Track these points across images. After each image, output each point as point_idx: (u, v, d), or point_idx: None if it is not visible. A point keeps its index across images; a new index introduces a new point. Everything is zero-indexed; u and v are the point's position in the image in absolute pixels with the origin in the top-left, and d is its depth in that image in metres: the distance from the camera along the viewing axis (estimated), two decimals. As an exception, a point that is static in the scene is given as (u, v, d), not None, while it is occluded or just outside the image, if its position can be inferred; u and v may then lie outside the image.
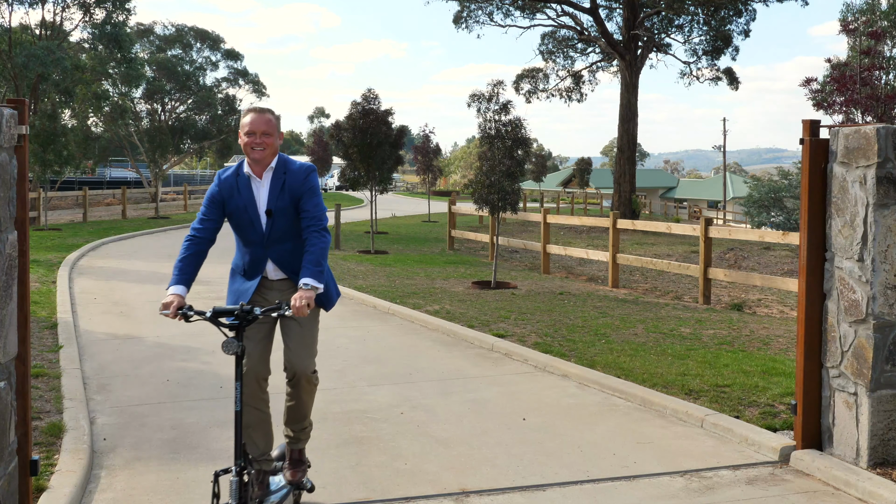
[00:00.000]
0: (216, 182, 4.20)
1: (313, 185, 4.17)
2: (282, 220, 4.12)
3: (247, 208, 4.12)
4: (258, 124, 4.06)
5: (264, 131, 4.07)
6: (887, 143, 4.85)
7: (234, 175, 4.17)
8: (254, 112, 4.11)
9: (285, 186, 4.11)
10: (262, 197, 4.13)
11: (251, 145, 4.07)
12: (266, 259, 4.18)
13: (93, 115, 36.91)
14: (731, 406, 6.16)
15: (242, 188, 4.14)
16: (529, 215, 19.19)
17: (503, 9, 34.91)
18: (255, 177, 4.14)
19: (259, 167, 4.12)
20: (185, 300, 3.85)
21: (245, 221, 4.13)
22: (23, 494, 3.89)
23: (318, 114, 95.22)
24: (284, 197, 4.11)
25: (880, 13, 23.27)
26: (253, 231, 4.14)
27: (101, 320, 9.85)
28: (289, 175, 4.13)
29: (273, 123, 4.11)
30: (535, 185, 57.08)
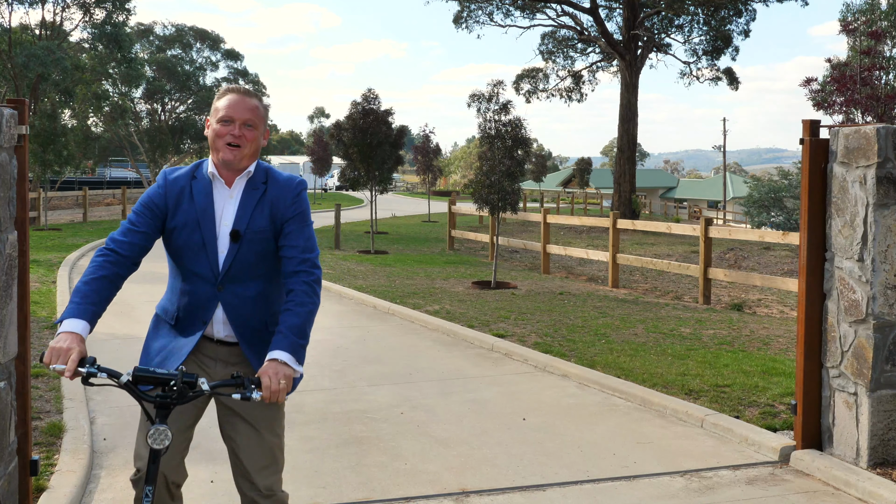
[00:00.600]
0: (160, 182, 2.95)
1: (305, 208, 2.94)
2: (250, 250, 2.87)
3: (200, 223, 2.85)
4: (238, 109, 2.87)
5: (246, 120, 2.87)
6: (887, 143, 4.85)
7: (187, 176, 2.93)
8: (233, 93, 2.91)
9: (264, 202, 2.89)
10: (228, 211, 2.88)
11: (224, 137, 2.85)
12: (215, 305, 2.88)
13: (93, 115, 36.94)
14: (731, 406, 6.16)
15: (198, 194, 2.87)
16: (529, 215, 19.19)
17: (503, 9, 34.92)
18: (220, 181, 2.90)
19: (230, 170, 2.90)
20: (85, 346, 2.56)
21: (193, 243, 2.86)
22: (23, 494, 3.89)
23: (318, 114, 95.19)
24: (261, 216, 2.88)
25: (880, 13, 23.27)
26: (202, 259, 2.86)
27: (102, 320, 9.82)
28: (272, 187, 2.92)
29: (259, 112, 2.92)
30: (535, 185, 57.08)
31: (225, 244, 2.87)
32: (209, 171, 2.91)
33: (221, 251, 2.87)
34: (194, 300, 2.91)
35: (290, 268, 2.85)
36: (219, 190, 2.91)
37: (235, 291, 2.89)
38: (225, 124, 2.87)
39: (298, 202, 2.93)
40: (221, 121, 2.88)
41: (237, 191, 2.91)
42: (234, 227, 2.87)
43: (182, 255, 2.89)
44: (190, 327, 2.92)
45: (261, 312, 2.93)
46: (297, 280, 2.82)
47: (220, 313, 2.90)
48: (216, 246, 2.87)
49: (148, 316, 10.29)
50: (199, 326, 2.91)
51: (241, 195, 2.90)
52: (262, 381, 2.61)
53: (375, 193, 20.63)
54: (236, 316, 2.90)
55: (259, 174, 2.94)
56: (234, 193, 2.91)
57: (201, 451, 5.27)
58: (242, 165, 2.90)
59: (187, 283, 2.91)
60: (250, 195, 2.91)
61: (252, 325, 2.92)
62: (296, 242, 2.88)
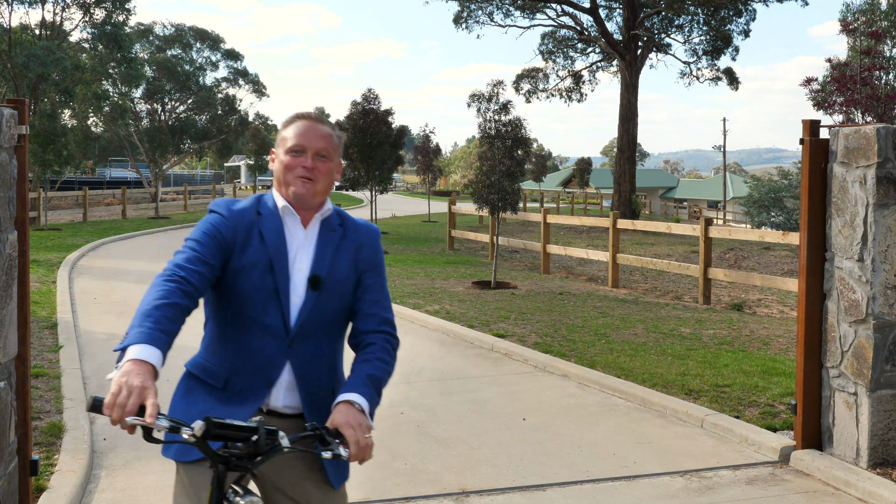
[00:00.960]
0: (222, 212, 2.46)
1: (383, 258, 2.61)
2: (330, 301, 2.43)
3: (273, 265, 2.38)
4: (311, 138, 2.45)
5: (319, 150, 2.45)
6: (887, 143, 4.85)
7: (252, 210, 2.46)
8: (304, 119, 2.50)
9: (346, 246, 2.50)
10: (304, 254, 2.44)
11: (295, 170, 2.43)
12: (283, 365, 2.38)
13: (93, 115, 36.95)
14: (731, 406, 6.16)
15: (269, 231, 2.42)
16: (529, 215, 19.19)
17: (503, 9, 34.92)
18: (294, 217, 2.46)
19: (304, 208, 2.47)
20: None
21: (265, 289, 2.37)
22: (23, 494, 3.89)
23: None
24: (344, 262, 2.48)
25: (880, 13, 23.27)
26: (273, 308, 2.37)
27: (101, 320, 9.85)
28: (350, 231, 2.53)
29: (333, 140, 2.50)
30: (535, 185, 57.09)
31: (299, 292, 2.41)
32: (280, 206, 2.44)
33: (295, 300, 2.39)
34: (256, 359, 2.37)
35: (370, 325, 2.47)
36: (291, 229, 2.46)
37: (307, 350, 2.40)
38: (295, 155, 2.45)
39: (379, 251, 2.58)
40: (291, 151, 2.45)
41: (313, 231, 2.48)
42: (314, 272, 2.42)
43: (247, 302, 2.37)
44: (247, 392, 2.36)
45: (328, 378, 2.47)
46: (378, 337, 2.46)
47: (287, 376, 2.38)
48: (289, 293, 2.39)
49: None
50: (261, 392, 2.36)
51: (318, 236, 2.48)
52: (346, 434, 2.13)
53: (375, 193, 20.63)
54: (306, 380, 2.40)
55: (335, 216, 2.54)
56: (309, 234, 2.47)
57: (201, 451, 5.27)
58: (317, 201, 2.47)
59: (248, 337, 2.38)
60: (328, 237, 2.48)
61: (320, 394, 2.43)
62: (378, 297, 2.52)
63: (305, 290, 2.40)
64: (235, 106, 48.36)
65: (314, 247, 2.46)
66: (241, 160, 70.30)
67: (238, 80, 49.94)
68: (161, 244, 20.52)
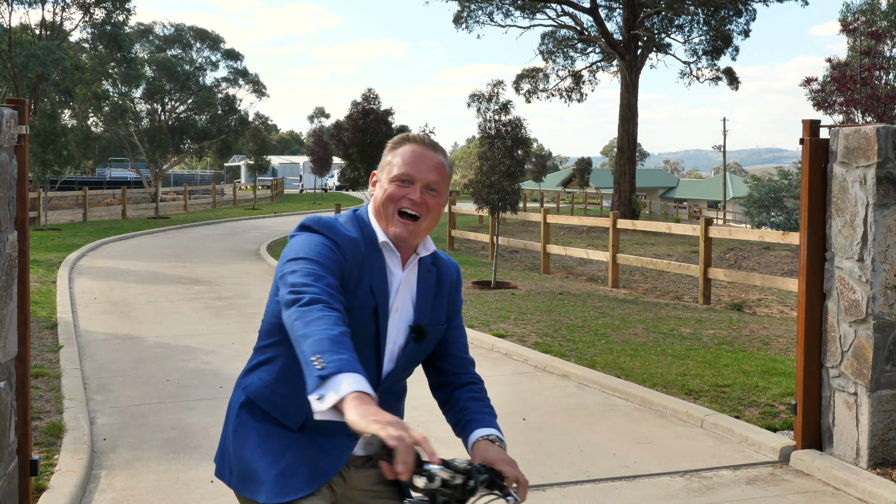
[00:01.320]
0: (337, 237, 2.13)
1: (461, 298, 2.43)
2: (425, 349, 2.30)
3: (378, 312, 2.15)
4: (421, 167, 2.18)
5: (430, 183, 2.18)
6: (887, 143, 4.85)
7: (361, 239, 2.17)
8: (415, 144, 2.22)
9: (441, 290, 2.31)
10: (403, 297, 2.23)
11: (399, 202, 2.17)
12: None
13: (93, 115, 36.97)
14: (731, 406, 6.16)
15: (375, 270, 2.17)
16: (529, 215, 19.19)
17: (503, 9, 34.91)
18: (395, 256, 2.21)
19: (406, 247, 2.22)
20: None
21: (365, 334, 2.15)
22: (23, 494, 3.89)
23: (318, 114, 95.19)
24: (440, 308, 2.30)
25: (880, 13, 23.28)
26: (368, 355, 2.16)
27: (101, 320, 9.85)
28: (442, 272, 2.33)
29: (445, 171, 2.22)
30: (535, 185, 57.09)
31: (395, 339, 2.20)
32: (380, 241, 2.18)
33: (390, 346, 2.20)
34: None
35: (458, 368, 2.34)
36: (391, 267, 2.21)
37: (391, 393, 2.25)
38: (402, 185, 2.17)
39: (460, 290, 2.39)
40: (397, 180, 2.17)
41: (412, 273, 2.25)
42: (418, 322, 2.22)
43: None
44: (331, 438, 2.13)
45: (401, 414, 2.34)
46: (472, 376, 2.35)
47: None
48: (385, 342, 2.18)
49: (148, 316, 10.32)
50: (346, 445, 2.14)
51: (417, 281, 2.26)
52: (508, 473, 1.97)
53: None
54: None
55: (430, 255, 2.30)
56: (410, 277, 2.24)
57: (201, 451, 5.27)
58: (418, 241, 2.20)
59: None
60: (426, 280, 2.27)
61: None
62: (463, 340, 2.38)
63: (406, 339, 2.21)
64: (235, 106, 48.36)
65: (415, 291, 2.25)
66: (241, 160, 70.30)
67: (238, 80, 49.93)
68: (161, 244, 20.53)
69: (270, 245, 20.30)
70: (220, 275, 14.42)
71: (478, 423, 2.17)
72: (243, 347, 8.37)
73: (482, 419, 2.18)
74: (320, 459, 2.11)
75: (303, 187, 63.18)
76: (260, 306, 11.01)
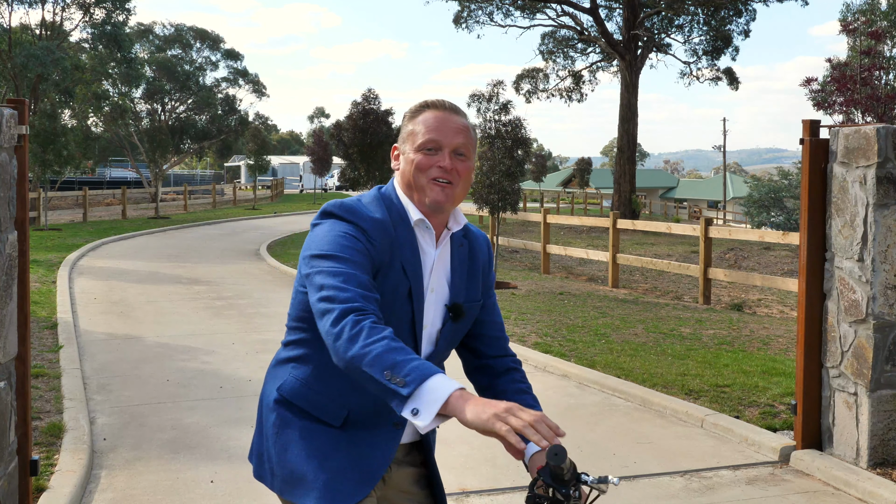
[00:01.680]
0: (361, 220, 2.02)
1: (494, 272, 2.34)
2: (463, 329, 2.20)
3: (413, 292, 2.05)
4: (447, 132, 2.06)
5: (457, 147, 2.07)
6: (887, 143, 4.85)
7: (389, 219, 2.06)
8: (437, 110, 2.10)
9: (475, 264, 2.20)
10: (438, 275, 2.12)
11: (429, 170, 2.05)
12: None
13: (93, 115, 36.95)
14: (731, 406, 6.16)
15: (407, 250, 2.06)
16: (529, 215, 19.20)
17: (503, 9, 34.92)
18: (429, 232, 2.10)
19: (439, 219, 2.11)
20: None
21: (401, 316, 2.05)
22: (23, 494, 3.89)
23: (317, 114, 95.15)
24: (475, 283, 2.19)
25: (880, 13, 23.28)
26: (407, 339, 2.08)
27: (101, 320, 9.85)
28: (474, 246, 2.22)
29: (471, 134, 2.11)
30: (535, 185, 57.08)
31: (433, 320, 2.11)
32: (415, 219, 2.06)
33: (428, 328, 2.10)
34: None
35: (496, 349, 2.24)
36: (424, 246, 2.09)
37: None
38: (429, 153, 2.04)
39: (492, 262, 2.28)
40: (423, 148, 2.05)
41: (445, 249, 2.14)
42: (454, 301, 2.12)
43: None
44: (377, 430, 2.07)
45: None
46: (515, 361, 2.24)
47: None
48: (422, 321, 2.08)
49: (147, 316, 10.32)
50: (392, 435, 2.08)
51: (450, 256, 2.14)
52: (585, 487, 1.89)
53: (375, 193, 20.64)
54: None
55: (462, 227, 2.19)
56: (443, 254, 2.13)
57: (201, 450, 5.27)
58: (449, 210, 2.09)
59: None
60: (459, 256, 2.16)
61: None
62: (498, 318, 2.27)
63: (444, 320, 2.11)
64: (235, 106, 48.35)
65: (449, 269, 2.13)
66: (241, 160, 70.30)
67: (238, 80, 49.92)
68: (161, 244, 20.53)
69: (270, 245, 20.30)
70: (220, 275, 14.42)
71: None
72: (243, 347, 8.37)
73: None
74: (368, 458, 2.03)
75: (303, 187, 63.17)
76: (260, 306, 11.01)
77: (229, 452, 5.22)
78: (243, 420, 5.90)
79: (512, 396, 2.15)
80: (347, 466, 2.01)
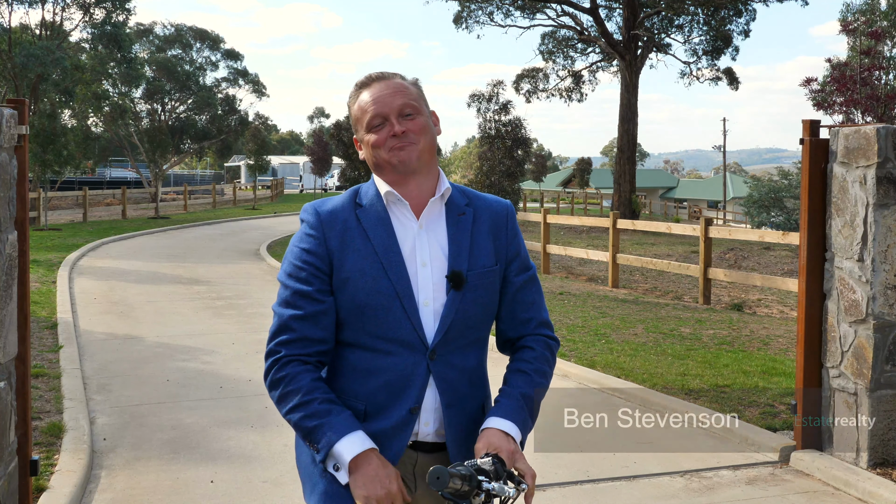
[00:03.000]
0: (311, 221, 2.06)
1: (522, 240, 2.21)
2: (476, 300, 2.07)
3: (385, 266, 2.00)
4: (387, 99, 2.04)
5: (401, 108, 2.04)
6: (887, 143, 4.85)
7: (349, 205, 2.07)
8: (371, 83, 2.09)
9: (481, 230, 2.10)
10: (428, 246, 2.05)
11: (385, 144, 2.04)
12: (425, 384, 2.03)
13: (93, 115, 36.94)
14: (731, 406, 6.16)
15: (374, 225, 2.04)
16: (529, 215, 19.20)
17: (503, 9, 34.91)
18: (402, 204, 2.06)
19: (412, 183, 2.06)
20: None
21: (380, 297, 2.00)
22: (23, 494, 3.89)
23: (317, 114, 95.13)
24: (483, 250, 2.08)
25: (880, 13, 23.28)
26: (398, 317, 2.01)
27: (101, 320, 9.85)
28: (482, 211, 2.12)
29: (411, 91, 2.08)
30: (535, 185, 57.09)
31: (433, 294, 2.02)
32: (383, 192, 2.05)
33: (428, 303, 2.02)
34: (390, 380, 2.01)
35: (526, 330, 2.15)
36: (401, 218, 2.06)
37: (453, 362, 2.05)
38: (379, 129, 2.04)
39: (518, 232, 2.18)
40: (371, 127, 2.05)
41: (438, 218, 2.07)
42: (453, 268, 2.02)
43: (363, 315, 2.00)
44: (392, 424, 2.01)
45: (479, 395, 2.12)
46: (537, 341, 2.14)
47: (432, 398, 2.03)
48: (415, 297, 2.00)
49: (147, 316, 10.32)
50: (408, 421, 2.01)
51: (447, 221, 2.07)
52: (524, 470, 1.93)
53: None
54: (454, 400, 2.04)
55: (457, 194, 2.12)
56: (433, 226, 2.06)
57: (201, 450, 5.27)
58: (424, 166, 2.05)
59: (377, 357, 2.00)
60: (458, 223, 2.07)
61: (469, 416, 2.07)
62: (533, 297, 2.15)
63: (446, 291, 2.02)
64: (235, 106, 48.34)
65: (445, 239, 2.05)
66: (241, 160, 70.29)
67: (238, 80, 49.90)
68: (161, 244, 20.52)
69: (270, 245, 20.30)
70: (220, 275, 14.42)
71: (495, 411, 2.03)
72: (243, 347, 8.37)
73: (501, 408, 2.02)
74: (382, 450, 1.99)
75: (303, 187, 63.16)
76: (260, 306, 11.00)
77: (229, 452, 5.22)
78: (243, 420, 5.90)
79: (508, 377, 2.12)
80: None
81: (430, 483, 1.73)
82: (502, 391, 2.08)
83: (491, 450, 1.91)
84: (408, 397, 2.00)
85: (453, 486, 1.74)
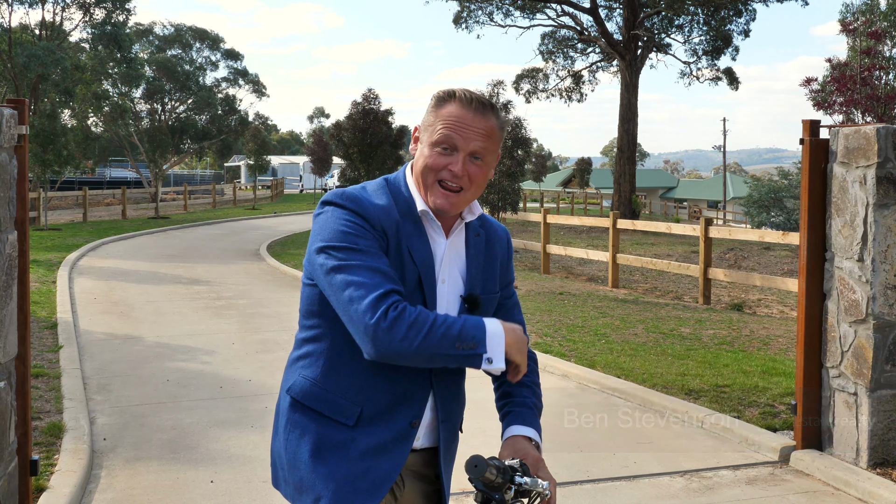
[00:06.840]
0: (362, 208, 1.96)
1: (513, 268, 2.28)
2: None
3: (423, 283, 1.99)
4: (468, 133, 1.96)
5: (475, 151, 1.98)
6: (887, 143, 4.85)
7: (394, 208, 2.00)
8: (465, 108, 1.97)
9: (492, 255, 2.14)
10: (450, 266, 2.06)
11: (439, 172, 1.98)
12: (426, 399, 2.06)
13: (93, 115, 36.98)
14: (731, 406, 6.16)
15: (414, 239, 2.00)
16: (529, 215, 19.20)
17: (503, 9, 34.92)
18: (435, 224, 2.03)
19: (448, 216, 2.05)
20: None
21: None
22: (23, 494, 3.89)
23: (317, 114, 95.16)
24: (492, 275, 2.14)
25: (880, 13, 23.28)
26: None
27: (101, 320, 9.85)
28: (491, 236, 2.17)
29: (496, 136, 2.00)
30: (535, 185, 57.08)
31: (447, 311, 2.02)
32: (419, 210, 2.00)
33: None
34: (397, 391, 1.99)
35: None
36: (433, 235, 2.03)
37: (448, 379, 2.08)
38: (443, 153, 1.96)
39: (511, 257, 2.21)
40: (437, 145, 1.96)
41: (459, 239, 2.08)
42: (470, 292, 2.04)
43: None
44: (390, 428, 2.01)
45: (461, 407, 2.21)
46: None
47: (431, 413, 2.07)
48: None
49: (147, 316, 10.31)
50: (408, 434, 2.02)
51: (466, 248, 2.08)
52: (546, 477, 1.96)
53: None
54: (447, 413, 2.10)
55: (478, 219, 2.13)
56: (455, 243, 2.06)
57: (201, 450, 5.27)
58: (461, 209, 2.03)
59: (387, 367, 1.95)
60: (475, 245, 2.10)
61: (454, 431, 2.17)
62: (519, 318, 2.21)
63: (458, 310, 2.04)
64: (235, 106, 48.36)
65: (463, 258, 2.06)
66: (241, 160, 70.27)
67: (238, 80, 49.95)
68: (161, 244, 20.52)
69: (270, 245, 20.30)
70: (220, 275, 14.42)
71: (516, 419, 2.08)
72: (243, 347, 8.37)
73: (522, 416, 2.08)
74: (379, 465, 1.97)
75: (303, 187, 63.13)
76: (260, 306, 11.01)
77: (229, 452, 5.22)
78: (243, 420, 5.90)
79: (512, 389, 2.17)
80: (357, 475, 1.96)
81: (466, 470, 1.76)
82: (513, 402, 2.12)
83: (517, 456, 1.95)
84: (410, 410, 2.01)
85: (489, 477, 1.78)
